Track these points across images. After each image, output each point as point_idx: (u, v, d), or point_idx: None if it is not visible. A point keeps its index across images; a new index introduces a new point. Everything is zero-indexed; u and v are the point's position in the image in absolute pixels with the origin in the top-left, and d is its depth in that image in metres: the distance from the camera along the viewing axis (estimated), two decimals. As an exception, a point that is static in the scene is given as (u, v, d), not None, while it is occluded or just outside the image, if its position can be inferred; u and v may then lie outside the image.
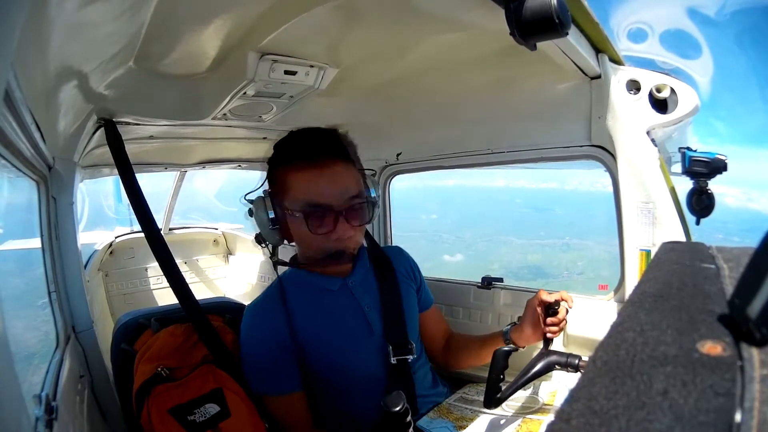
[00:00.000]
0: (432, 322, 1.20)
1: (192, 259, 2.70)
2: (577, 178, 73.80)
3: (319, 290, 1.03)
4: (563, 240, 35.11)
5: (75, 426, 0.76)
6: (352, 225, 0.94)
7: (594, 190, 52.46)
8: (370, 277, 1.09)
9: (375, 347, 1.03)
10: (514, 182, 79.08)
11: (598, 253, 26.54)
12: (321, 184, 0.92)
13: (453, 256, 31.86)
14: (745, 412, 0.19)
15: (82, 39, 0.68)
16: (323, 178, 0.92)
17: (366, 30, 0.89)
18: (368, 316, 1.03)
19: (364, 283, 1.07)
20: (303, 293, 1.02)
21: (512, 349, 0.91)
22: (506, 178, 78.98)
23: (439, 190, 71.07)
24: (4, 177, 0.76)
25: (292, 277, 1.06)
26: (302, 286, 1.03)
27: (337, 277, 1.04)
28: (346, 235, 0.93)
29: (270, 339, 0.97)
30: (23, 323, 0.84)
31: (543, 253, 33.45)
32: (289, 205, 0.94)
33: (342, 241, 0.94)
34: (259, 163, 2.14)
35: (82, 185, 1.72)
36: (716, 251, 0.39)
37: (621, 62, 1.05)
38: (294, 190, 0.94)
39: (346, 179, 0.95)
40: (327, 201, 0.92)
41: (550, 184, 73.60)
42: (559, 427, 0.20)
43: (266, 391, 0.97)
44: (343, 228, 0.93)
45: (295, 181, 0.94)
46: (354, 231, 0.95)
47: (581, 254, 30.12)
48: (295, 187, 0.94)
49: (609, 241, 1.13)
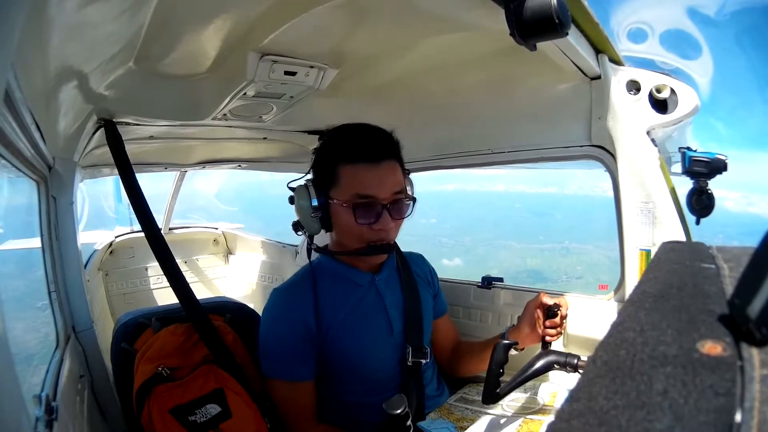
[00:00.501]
0: (444, 329, 1.22)
1: (192, 259, 2.70)
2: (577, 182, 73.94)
3: (349, 283, 1.05)
4: (562, 244, 35.19)
5: (75, 426, 0.76)
6: (394, 218, 0.97)
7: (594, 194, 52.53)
8: (394, 278, 1.11)
9: (393, 347, 1.04)
10: (514, 187, 79.46)
11: (597, 257, 26.58)
12: (373, 179, 0.94)
13: (451, 260, 31.98)
14: (745, 412, 0.19)
15: (82, 39, 0.68)
16: (375, 173, 0.95)
17: (366, 30, 0.89)
18: (390, 314, 1.05)
19: (389, 283, 1.09)
20: (333, 283, 1.04)
21: (512, 343, 0.92)
22: (506, 183, 79.39)
23: (439, 194, 71.17)
24: (4, 177, 0.77)
25: (323, 267, 1.07)
26: (333, 276, 1.05)
27: (367, 273, 1.06)
28: (388, 227, 0.96)
29: (295, 323, 0.98)
30: (23, 323, 0.84)
31: (542, 258, 33.52)
32: (337, 196, 0.96)
33: (383, 233, 0.97)
34: (259, 163, 2.15)
35: (82, 185, 1.72)
36: (716, 251, 0.39)
37: (621, 63, 1.05)
38: (344, 182, 0.95)
39: (394, 176, 0.98)
40: (376, 194, 0.94)
41: (549, 188, 73.85)
42: (559, 427, 0.20)
43: (279, 374, 0.98)
44: (386, 221, 0.95)
45: (348, 174, 0.95)
46: (394, 224, 0.98)
47: (580, 258, 30.18)
48: (346, 179, 0.95)
49: (608, 245, 1.13)
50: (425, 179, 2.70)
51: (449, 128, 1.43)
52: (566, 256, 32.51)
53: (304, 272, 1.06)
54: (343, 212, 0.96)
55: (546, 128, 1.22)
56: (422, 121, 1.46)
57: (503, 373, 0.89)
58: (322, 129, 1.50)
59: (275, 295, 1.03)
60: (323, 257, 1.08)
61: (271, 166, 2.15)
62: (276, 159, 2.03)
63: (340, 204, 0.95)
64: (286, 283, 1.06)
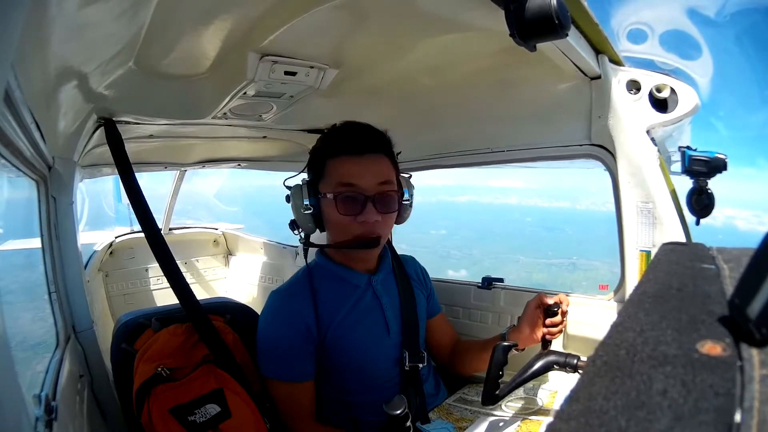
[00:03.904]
0: (440, 328, 1.22)
1: (192, 260, 2.70)
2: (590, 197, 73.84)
3: (346, 284, 1.05)
4: (570, 260, 35.16)
5: (75, 426, 0.76)
6: (380, 211, 0.96)
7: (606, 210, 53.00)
8: (391, 280, 1.11)
9: (390, 347, 1.04)
10: (527, 200, 79.54)
11: (603, 273, 26.52)
12: (355, 169, 0.96)
13: (457, 271, 32.09)
14: (745, 412, 0.19)
15: (82, 39, 0.68)
16: (358, 163, 0.96)
17: (366, 31, 0.89)
18: (387, 315, 1.05)
19: (386, 284, 1.09)
20: (330, 284, 1.04)
21: (512, 345, 0.92)
22: (519, 196, 79.57)
23: (451, 206, 71.08)
24: (4, 177, 0.77)
25: (320, 268, 1.07)
26: (330, 277, 1.05)
27: (364, 274, 1.06)
28: (372, 219, 0.95)
29: (294, 324, 0.98)
30: (23, 323, 0.84)
31: (549, 272, 33.51)
32: (324, 189, 0.98)
33: (368, 225, 0.96)
34: (258, 162, 2.15)
35: (82, 185, 1.72)
36: (716, 252, 0.39)
37: (621, 63, 1.05)
38: (330, 174, 0.98)
39: (379, 168, 0.98)
40: (358, 183, 0.95)
41: (562, 202, 73.86)
42: (558, 428, 0.20)
43: (278, 375, 0.98)
44: (370, 212, 0.95)
45: (333, 166, 0.97)
46: (381, 218, 0.97)
47: (587, 274, 30.13)
48: (331, 171, 0.98)
49: (616, 262, 1.13)
50: (438, 191, 2.66)
51: (449, 127, 1.43)
52: (573, 272, 32.50)
53: (301, 274, 1.06)
54: (329, 206, 0.97)
55: (546, 127, 1.22)
56: (422, 121, 1.46)
57: (503, 374, 0.90)
58: (322, 128, 1.50)
59: (274, 297, 1.04)
60: (320, 259, 1.09)
61: (270, 166, 2.15)
62: (276, 158, 2.03)
63: (325, 196, 0.97)
64: (284, 285, 1.07)
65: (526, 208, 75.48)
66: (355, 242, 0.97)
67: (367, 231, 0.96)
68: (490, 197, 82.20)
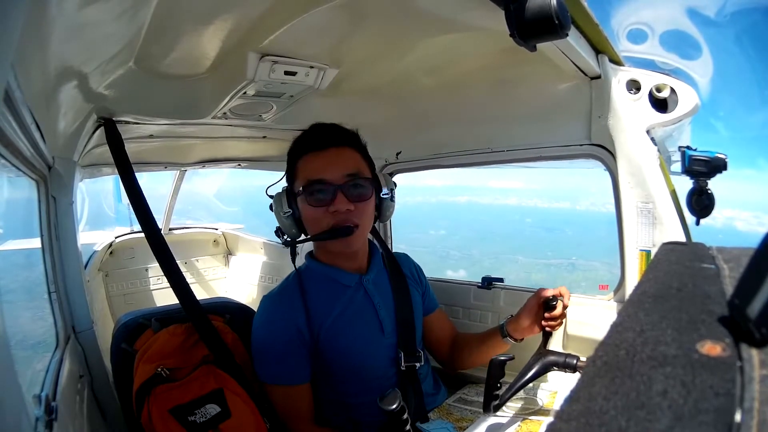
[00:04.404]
0: (438, 324, 1.22)
1: (192, 260, 2.70)
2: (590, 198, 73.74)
3: (336, 284, 1.05)
4: (570, 260, 35.14)
5: (75, 426, 0.76)
6: (352, 200, 0.97)
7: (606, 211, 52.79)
8: (384, 279, 1.11)
9: (385, 346, 1.04)
10: (527, 201, 79.50)
11: (602, 273, 26.46)
12: (319, 163, 0.98)
13: (456, 271, 32.13)
14: (745, 412, 0.19)
15: (82, 39, 0.68)
16: (322, 157, 0.99)
17: (366, 31, 0.89)
18: (380, 315, 1.05)
19: (377, 283, 1.08)
20: (320, 286, 1.04)
21: (508, 358, 0.92)
22: (519, 196, 79.47)
23: (451, 206, 71.01)
24: (4, 177, 0.77)
25: (309, 271, 1.07)
26: (320, 279, 1.05)
27: (355, 274, 1.06)
28: (344, 207, 0.96)
29: (287, 329, 0.98)
30: (23, 323, 0.84)
31: (548, 273, 33.49)
32: (296, 188, 1.00)
33: (340, 215, 0.97)
34: (258, 162, 2.15)
35: (82, 185, 1.72)
36: (716, 252, 0.39)
37: (621, 63, 1.05)
38: (300, 174, 1.00)
39: (346, 160, 1.00)
40: (325, 176, 0.97)
41: (562, 203, 73.73)
42: (558, 427, 0.20)
43: (275, 380, 0.99)
44: (340, 201, 0.96)
45: (301, 166, 1.01)
46: (353, 207, 0.97)
47: (586, 275, 30.10)
48: (300, 171, 1.00)
49: (615, 262, 1.13)
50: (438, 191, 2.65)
51: (449, 127, 1.43)
52: (572, 272, 32.49)
53: (291, 278, 1.06)
54: (303, 203, 0.99)
55: (546, 127, 1.22)
56: (422, 120, 1.46)
57: (501, 386, 0.90)
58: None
59: (265, 302, 1.04)
60: (309, 262, 1.09)
61: (270, 165, 2.15)
62: (276, 158, 2.02)
63: (299, 194, 0.99)
64: (274, 290, 1.07)
65: (526, 208, 75.44)
66: (331, 232, 0.97)
67: (341, 220, 0.97)
68: (490, 198, 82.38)
